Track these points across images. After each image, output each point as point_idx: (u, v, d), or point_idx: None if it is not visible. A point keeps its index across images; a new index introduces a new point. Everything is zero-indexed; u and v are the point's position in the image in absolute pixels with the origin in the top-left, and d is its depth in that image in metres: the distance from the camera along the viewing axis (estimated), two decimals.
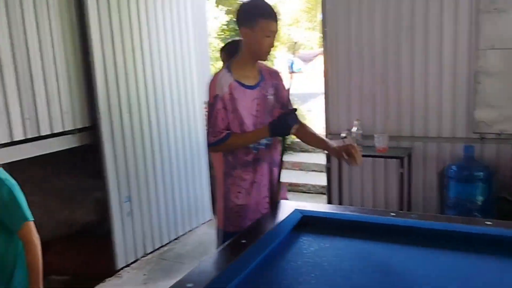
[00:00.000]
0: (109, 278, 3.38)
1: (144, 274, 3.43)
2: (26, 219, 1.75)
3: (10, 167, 2.72)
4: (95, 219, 3.59)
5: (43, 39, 2.95)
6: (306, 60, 16.53)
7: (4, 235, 1.74)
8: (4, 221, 1.71)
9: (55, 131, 3.06)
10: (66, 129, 3.14)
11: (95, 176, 3.51)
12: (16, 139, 2.81)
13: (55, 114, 3.05)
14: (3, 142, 2.70)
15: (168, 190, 3.96)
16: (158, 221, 3.86)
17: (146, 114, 3.72)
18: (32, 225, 1.78)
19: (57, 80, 3.06)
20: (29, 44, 2.86)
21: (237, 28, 2.03)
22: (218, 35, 6.20)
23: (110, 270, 3.46)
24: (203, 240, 3.99)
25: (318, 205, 2.08)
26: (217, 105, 1.94)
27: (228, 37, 6.22)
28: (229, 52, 2.69)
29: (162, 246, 3.87)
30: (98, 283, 3.32)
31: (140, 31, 3.61)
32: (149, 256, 3.72)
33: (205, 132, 2.07)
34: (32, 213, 3.38)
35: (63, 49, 3.10)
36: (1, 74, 2.71)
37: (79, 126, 3.24)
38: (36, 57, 2.92)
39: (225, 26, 6.46)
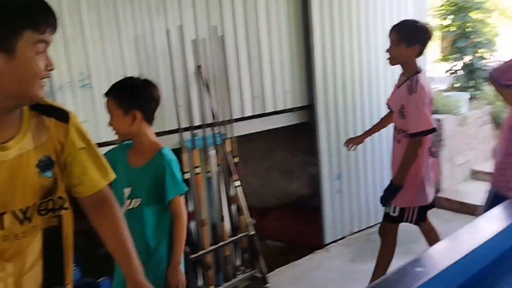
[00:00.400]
0: (318, 250, 3.56)
1: (352, 252, 3.50)
2: (178, 193, 1.89)
3: (238, 140, 3.10)
4: (308, 192, 3.81)
5: (272, 26, 3.21)
6: None
7: (161, 203, 1.90)
8: (160, 191, 1.88)
9: (278, 109, 3.33)
10: (287, 107, 3.39)
11: (310, 152, 3.71)
12: (246, 115, 3.17)
13: (278, 93, 3.31)
14: (236, 117, 3.07)
15: (376, 171, 3.92)
16: (365, 202, 3.86)
17: (359, 94, 3.72)
18: (182, 200, 1.92)
19: (281, 62, 3.31)
20: (260, 30, 3.15)
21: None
22: (438, 12, 5.74)
23: (318, 243, 3.63)
24: (410, 228, 3.83)
25: None
26: None
27: (448, 13, 5.70)
28: (400, 31, 2.47)
29: (368, 227, 3.87)
30: (308, 253, 3.54)
31: (358, 13, 3.60)
32: (356, 235, 3.77)
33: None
34: (254, 183, 3.78)
35: (288, 34, 3.32)
36: (237, 57, 3.07)
37: (298, 105, 3.45)
38: (265, 42, 3.20)
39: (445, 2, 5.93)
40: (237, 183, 2.94)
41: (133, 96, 1.87)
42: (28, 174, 1.11)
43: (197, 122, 2.85)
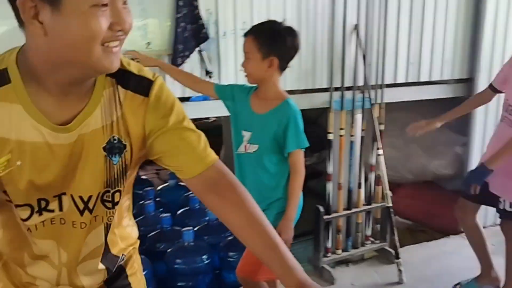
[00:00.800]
0: (453, 236, 3.32)
1: (493, 244, 3.16)
2: (299, 146, 1.80)
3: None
4: (450, 173, 3.52)
5: None
6: None
7: (279, 154, 1.83)
8: (280, 141, 1.80)
9: (433, 79, 3.09)
10: (443, 78, 3.12)
11: (459, 130, 3.41)
12: (398, 81, 2.98)
13: (436, 62, 3.05)
14: (388, 83, 2.91)
15: None
16: None
17: None
18: (302, 154, 1.82)
19: (444, 29, 3.02)
20: None
21: None
22: None
23: (454, 228, 3.38)
24: None
25: None
26: None
27: None
28: None
29: None
30: (441, 237, 3.32)
31: None
32: (498, 227, 3.42)
33: None
34: (392, 156, 3.59)
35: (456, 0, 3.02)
36: (398, 18, 2.87)
37: (455, 77, 3.16)
38: (431, 4, 2.94)
39: None
40: (380, 151, 2.82)
41: (275, 42, 1.78)
42: (93, 157, 0.91)
43: (348, 83, 2.75)
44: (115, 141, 0.92)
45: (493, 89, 2.41)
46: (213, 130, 5.14)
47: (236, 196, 0.96)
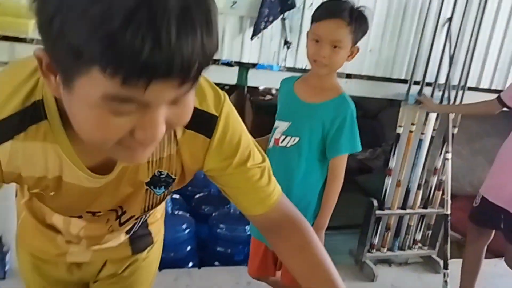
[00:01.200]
0: (499, 258, 3.15)
1: None
2: (352, 150, 1.59)
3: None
4: None
5: None
6: None
7: (319, 153, 1.62)
8: (327, 140, 1.58)
9: None
10: None
11: None
12: (482, 86, 2.79)
13: None
14: (471, 85, 2.72)
15: None
16: None
17: None
18: (345, 159, 1.61)
19: None
20: None
21: None
22: None
23: (497, 251, 3.20)
24: None
25: None
26: None
27: None
28: None
29: None
30: (491, 257, 3.15)
31: None
32: None
33: None
34: (455, 164, 3.42)
35: None
36: (495, 18, 2.66)
37: None
38: None
39: None
40: (449, 155, 2.66)
41: (366, 29, 1.56)
42: (132, 189, 0.83)
43: (429, 79, 2.60)
44: (162, 176, 0.82)
45: (501, 103, 2.18)
46: (267, 108, 5.07)
47: (301, 238, 0.86)
